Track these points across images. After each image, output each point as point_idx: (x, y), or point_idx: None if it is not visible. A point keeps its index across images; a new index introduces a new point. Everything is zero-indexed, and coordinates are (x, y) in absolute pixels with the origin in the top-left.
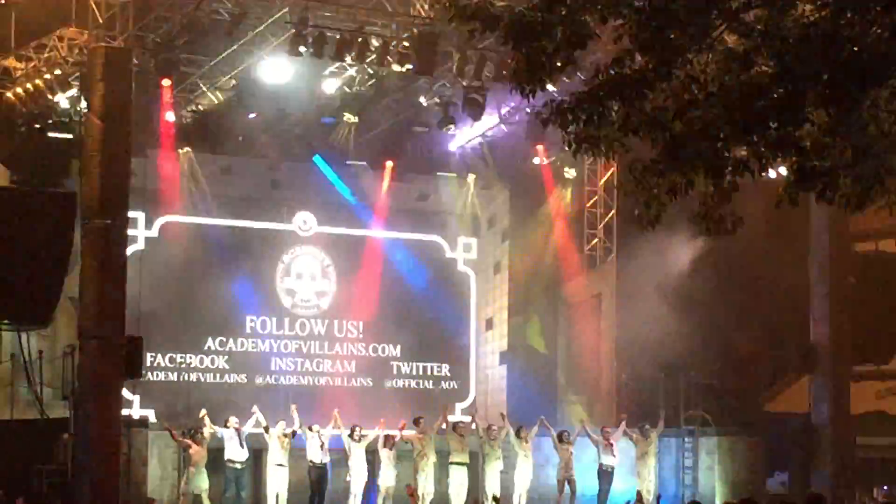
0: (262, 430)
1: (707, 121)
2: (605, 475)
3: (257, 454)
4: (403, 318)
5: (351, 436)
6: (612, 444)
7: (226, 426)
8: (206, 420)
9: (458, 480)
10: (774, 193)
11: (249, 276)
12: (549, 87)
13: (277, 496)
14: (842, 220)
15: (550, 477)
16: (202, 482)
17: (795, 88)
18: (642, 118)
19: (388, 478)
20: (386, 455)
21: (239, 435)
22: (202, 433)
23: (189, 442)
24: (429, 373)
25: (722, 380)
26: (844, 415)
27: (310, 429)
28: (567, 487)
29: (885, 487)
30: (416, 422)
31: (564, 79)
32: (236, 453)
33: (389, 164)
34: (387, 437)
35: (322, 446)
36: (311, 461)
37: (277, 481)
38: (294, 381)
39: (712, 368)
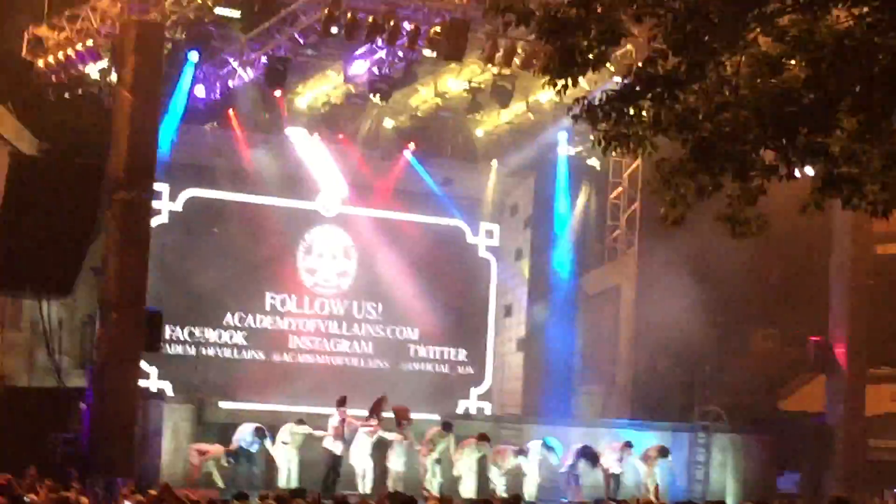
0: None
1: (737, 123)
2: None
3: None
4: (423, 302)
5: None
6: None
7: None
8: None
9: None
10: (797, 195)
11: (271, 254)
12: (581, 82)
13: (289, 472)
14: (864, 223)
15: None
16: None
17: (827, 95)
18: (673, 118)
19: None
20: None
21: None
22: None
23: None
24: (446, 357)
25: (737, 376)
26: (858, 416)
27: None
28: None
29: None
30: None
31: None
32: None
33: (412, 145)
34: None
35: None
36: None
37: (287, 458)
38: (311, 360)
39: (728, 365)
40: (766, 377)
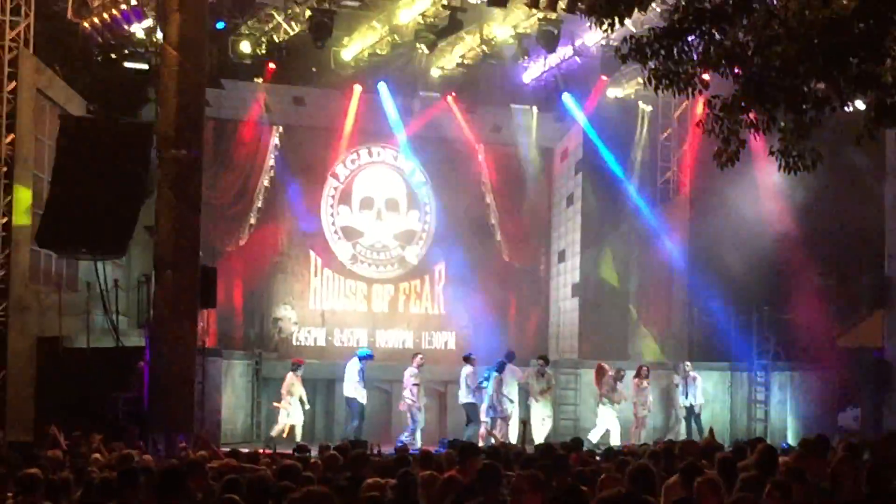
0: None
1: (787, 56)
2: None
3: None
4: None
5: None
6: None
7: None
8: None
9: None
10: (846, 128)
11: (319, 207)
12: (628, 21)
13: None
14: None
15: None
16: (298, 415)
17: (877, 24)
18: (722, 53)
19: None
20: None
21: (360, 375)
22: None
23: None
24: (499, 304)
25: (794, 314)
26: None
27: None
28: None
29: None
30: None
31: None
32: (357, 392)
33: (452, 95)
34: None
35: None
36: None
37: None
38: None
39: (785, 303)
40: (823, 314)
